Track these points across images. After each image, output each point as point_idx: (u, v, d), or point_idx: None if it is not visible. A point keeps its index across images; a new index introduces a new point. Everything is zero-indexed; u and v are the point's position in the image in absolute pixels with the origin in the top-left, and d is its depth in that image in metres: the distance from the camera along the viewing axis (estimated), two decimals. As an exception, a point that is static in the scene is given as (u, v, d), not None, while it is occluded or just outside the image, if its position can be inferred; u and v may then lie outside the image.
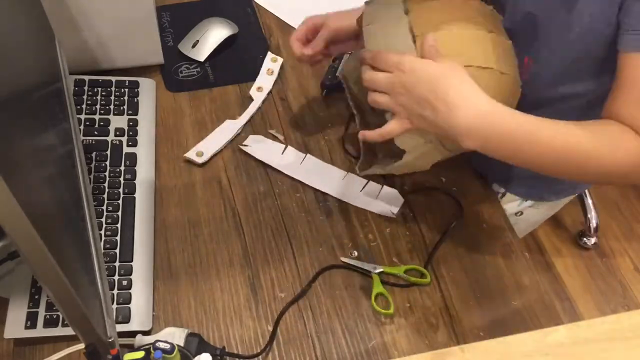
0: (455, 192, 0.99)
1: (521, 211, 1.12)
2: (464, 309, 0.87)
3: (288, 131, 1.06)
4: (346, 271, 0.90)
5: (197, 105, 1.09)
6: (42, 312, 0.80)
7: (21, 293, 0.82)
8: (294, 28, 1.21)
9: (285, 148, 1.02)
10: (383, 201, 0.97)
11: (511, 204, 1.10)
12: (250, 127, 1.06)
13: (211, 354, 0.73)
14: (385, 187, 0.98)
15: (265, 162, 1.00)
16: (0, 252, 0.82)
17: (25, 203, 0.48)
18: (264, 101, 1.09)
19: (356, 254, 0.92)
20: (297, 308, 0.86)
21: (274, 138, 1.04)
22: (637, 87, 0.75)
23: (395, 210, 0.96)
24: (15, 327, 0.79)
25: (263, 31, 1.21)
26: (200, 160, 1.00)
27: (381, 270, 0.89)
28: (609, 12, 0.77)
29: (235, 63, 1.16)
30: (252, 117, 1.07)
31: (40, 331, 0.80)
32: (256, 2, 1.26)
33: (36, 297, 0.81)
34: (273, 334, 0.83)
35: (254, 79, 1.12)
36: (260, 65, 1.14)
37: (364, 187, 0.98)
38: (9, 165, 0.50)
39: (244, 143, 1.02)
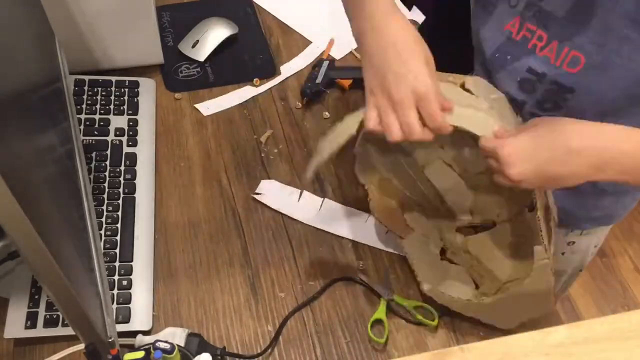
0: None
1: (573, 241, 1.02)
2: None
3: (288, 131, 1.06)
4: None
5: (194, 105, 1.09)
6: (42, 312, 0.80)
7: (21, 293, 0.82)
8: (294, 28, 1.21)
9: (300, 193, 0.97)
10: None
11: (557, 236, 0.96)
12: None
13: (211, 354, 0.73)
14: None
15: (281, 211, 0.95)
16: (0, 252, 0.81)
17: (25, 203, 0.48)
18: (286, 78, 1.12)
19: (363, 264, 0.91)
20: (297, 306, 0.86)
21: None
22: None
23: None
24: (15, 327, 0.79)
25: (263, 31, 1.21)
26: (206, 112, 1.07)
27: (392, 298, 0.87)
28: None
29: (235, 63, 1.16)
30: (271, 88, 1.11)
31: (40, 331, 0.80)
32: (256, 3, 1.26)
33: (36, 297, 0.81)
34: (275, 338, 0.83)
35: (253, 79, 1.12)
36: (260, 66, 1.15)
37: (387, 232, 0.93)
38: (9, 165, 0.50)
39: (256, 191, 0.97)
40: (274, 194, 0.97)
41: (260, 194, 0.97)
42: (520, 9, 0.84)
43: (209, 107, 1.09)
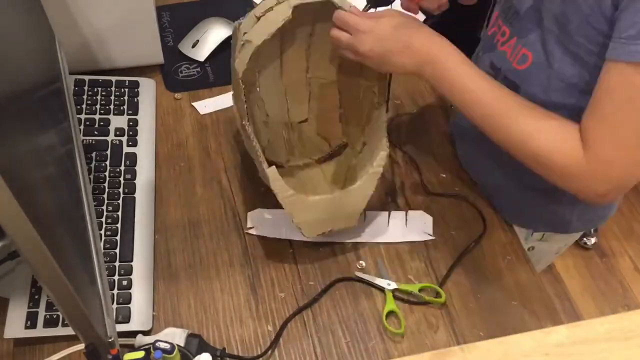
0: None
1: (532, 246, 1.04)
2: (464, 309, 0.87)
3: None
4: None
5: (192, 103, 1.09)
6: (42, 312, 0.80)
7: (21, 293, 0.82)
8: (294, 28, 1.21)
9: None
10: (414, 227, 0.94)
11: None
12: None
13: (211, 355, 0.73)
14: (409, 211, 0.95)
15: (278, 237, 0.92)
16: (0, 252, 0.81)
17: (25, 203, 0.48)
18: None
19: (364, 264, 0.91)
20: (297, 308, 0.86)
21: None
22: (603, 99, 0.72)
23: (430, 230, 0.94)
24: (15, 327, 0.79)
25: (263, 31, 1.21)
26: (203, 111, 1.07)
27: (395, 287, 0.88)
28: (603, 7, 0.73)
29: (235, 63, 1.15)
30: None
31: (40, 331, 0.80)
32: (256, 2, 1.26)
33: (36, 297, 0.81)
34: (276, 340, 0.83)
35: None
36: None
37: (389, 221, 0.94)
38: (9, 165, 0.50)
39: (248, 226, 0.93)
40: (266, 222, 0.94)
41: (252, 227, 0.93)
42: (500, 6, 0.90)
43: (207, 105, 1.09)
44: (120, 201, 0.92)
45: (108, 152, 0.98)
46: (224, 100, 1.10)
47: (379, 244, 0.93)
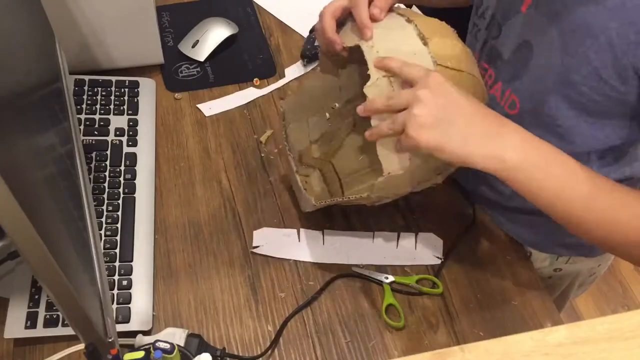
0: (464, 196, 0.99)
1: (559, 268, 0.99)
2: (464, 309, 0.87)
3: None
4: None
5: (197, 104, 1.09)
6: (42, 312, 0.80)
7: (21, 293, 0.82)
8: (294, 28, 1.21)
9: (299, 232, 0.93)
10: (423, 250, 0.92)
11: (542, 264, 0.98)
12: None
13: (211, 355, 0.73)
14: (420, 233, 0.93)
15: (285, 257, 0.91)
16: (1, 252, 0.81)
17: (25, 203, 0.48)
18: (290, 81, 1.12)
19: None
20: (297, 307, 0.86)
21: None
22: None
23: (440, 254, 0.92)
24: (15, 327, 0.79)
25: (263, 31, 1.21)
26: (208, 113, 1.07)
27: (392, 280, 0.88)
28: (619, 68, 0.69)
29: (235, 63, 1.16)
30: (273, 90, 1.11)
31: (40, 331, 0.80)
32: (256, 3, 1.26)
33: (36, 297, 0.81)
34: (276, 340, 0.83)
35: (253, 79, 1.12)
36: (260, 66, 1.15)
37: (398, 243, 0.93)
38: (9, 165, 0.50)
39: (253, 245, 0.92)
40: (272, 241, 0.92)
41: (258, 246, 0.92)
42: (479, 46, 0.87)
43: (212, 107, 1.09)
44: (120, 201, 0.92)
45: (108, 152, 0.97)
46: (228, 101, 1.09)
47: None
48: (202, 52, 1.15)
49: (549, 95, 0.77)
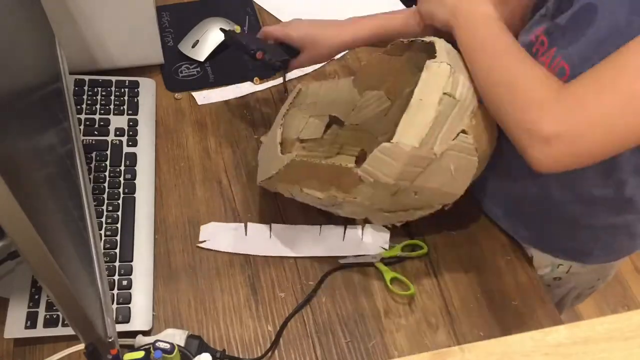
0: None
1: (559, 277, 0.98)
2: (464, 309, 0.87)
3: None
4: (345, 271, 0.90)
5: (197, 105, 1.09)
6: (42, 312, 0.80)
7: (21, 293, 0.82)
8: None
9: (246, 226, 0.93)
10: (369, 241, 0.92)
11: (544, 271, 0.97)
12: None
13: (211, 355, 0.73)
14: (366, 225, 0.93)
15: (233, 251, 0.91)
16: (0, 252, 0.81)
17: (25, 203, 0.48)
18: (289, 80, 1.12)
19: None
20: (296, 307, 0.86)
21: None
22: (610, 60, 0.67)
23: (386, 244, 0.92)
24: (15, 327, 0.79)
25: (263, 31, 1.21)
26: (201, 102, 1.09)
27: (381, 256, 0.90)
28: None
29: (235, 63, 1.16)
30: (271, 87, 1.12)
31: (40, 331, 0.80)
32: (256, 2, 1.26)
33: (36, 297, 0.81)
34: (276, 340, 0.83)
35: (253, 79, 1.12)
36: (260, 65, 1.15)
37: (344, 235, 0.93)
38: (9, 165, 0.50)
39: (200, 240, 0.91)
40: (219, 236, 0.92)
41: (204, 241, 0.91)
42: (542, 15, 0.85)
43: (205, 96, 1.10)
44: (120, 201, 0.92)
45: (108, 152, 0.97)
46: (222, 92, 1.11)
47: (334, 258, 0.91)
48: (202, 52, 1.15)
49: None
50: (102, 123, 1.01)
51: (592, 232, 0.90)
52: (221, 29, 1.00)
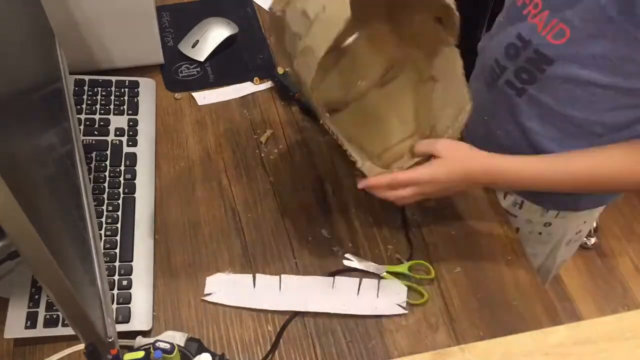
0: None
1: (549, 222, 1.05)
2: (464, 309, 0.87)
3: (288, 131, 1.06)
4: (347, 272, 0.90)
5: (197, 105, 1.09)
6: (42, 312, 0.80)
7: (21, 293, 0.82)
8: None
9: (254, 278, 0.88)
10: (385, 297, 0.87)
11: (533, 215, 1.05)
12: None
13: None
14: (382, 280, 0.89)
15: (239, 306, 0.85)
16: (1, 252, 0.81)
17: (25, 203, 0.48)
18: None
19: (353, 258, 0.91)
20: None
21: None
22: None
23: (404, 302, 0.87)
24: (16, 327, 0.79)
25: (263, 31, 1.21)
26: (201, 102, 1.08)
27: (386, 270, 0.89)
28: None
29: (235, 63, 1.16)
30: (271, 87, 1.12)
31: (40, 331, 0.79)
32: (256, 2, 1.26)
33: (36, 297, 0.81)
34: (276, 341, 0.83)
35: (253, 79, 1.12)
36: (260, 65, 1.15)
37: (359, 290, 0.88)
38: (9, 165, 0.50)
39: (205, 292, 0.86)
40: (226, 288, 0.87)
41: (210, 294, 0.87)
42: None
43: (205, 97, 1.09)
44: (120, 201, 0.92)
45: (108, 152, 0.97)
46: (222, 92, 1.11)
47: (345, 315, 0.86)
48: (202, 52, 1.15)
49: (606, 25, 0.78)
50: (102, 123, 1.01)
51: None
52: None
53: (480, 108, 0.93)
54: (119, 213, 0.91)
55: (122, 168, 0.96)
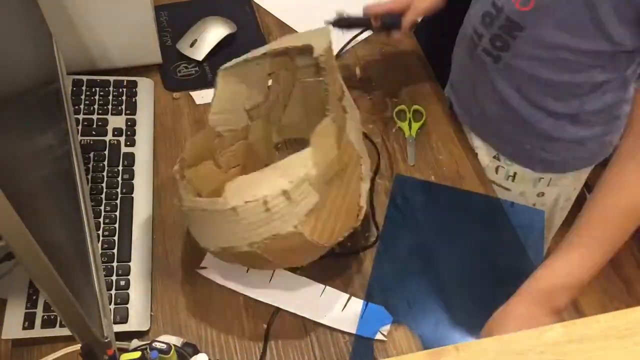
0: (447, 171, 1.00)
1: (542, 192, 1.07)
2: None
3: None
4: (337, 259, 0.90)
5: (195, 104, 1.09)
6: (39, 312, 0.81)
7: (19, 293, 0.82)
8: (292, 27, 1.21)
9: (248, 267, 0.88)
10: (369, 321, 0.85)
11: (526, 185, 1.07)
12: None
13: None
14: (370, 304, 0.86)
15: (227, 286, 0.87)
16: (-2, 253, 0.82)
17: (20, 205, 0.48)
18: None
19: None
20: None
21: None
22: None
23: (386, 331, 0.84)
24: (13, 327, 0.80)
25: (261, 30, 1.21)
26: (199, 102, 1.09)
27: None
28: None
29: (234, 62, 1.15)
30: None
31: (37, 331, 0.80)
32: (254, 1, 1.26)
33: (34, 297, 0.82)
34: (276, 341, 0.83)
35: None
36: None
37: (345, 306, 0.86)
38: (4, 166, 0.50)
39: (201, 265, 0.88)
40: (221, 267, 0.87)
41: (205, 267, 0.88)
42: None
43: (204, 96, 1.09)
44: (118, 201, 0.92)
45: (106, 152, 0.97)
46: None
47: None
48: (201, 52, 1.15)
49: None
50: (100, 123, 1.01)
51: (563, 143, 1.00)
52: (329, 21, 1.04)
53: (465, 77, 0.96)
54: (117, 213, 0.91)
55: (120, 168, 0.96)
